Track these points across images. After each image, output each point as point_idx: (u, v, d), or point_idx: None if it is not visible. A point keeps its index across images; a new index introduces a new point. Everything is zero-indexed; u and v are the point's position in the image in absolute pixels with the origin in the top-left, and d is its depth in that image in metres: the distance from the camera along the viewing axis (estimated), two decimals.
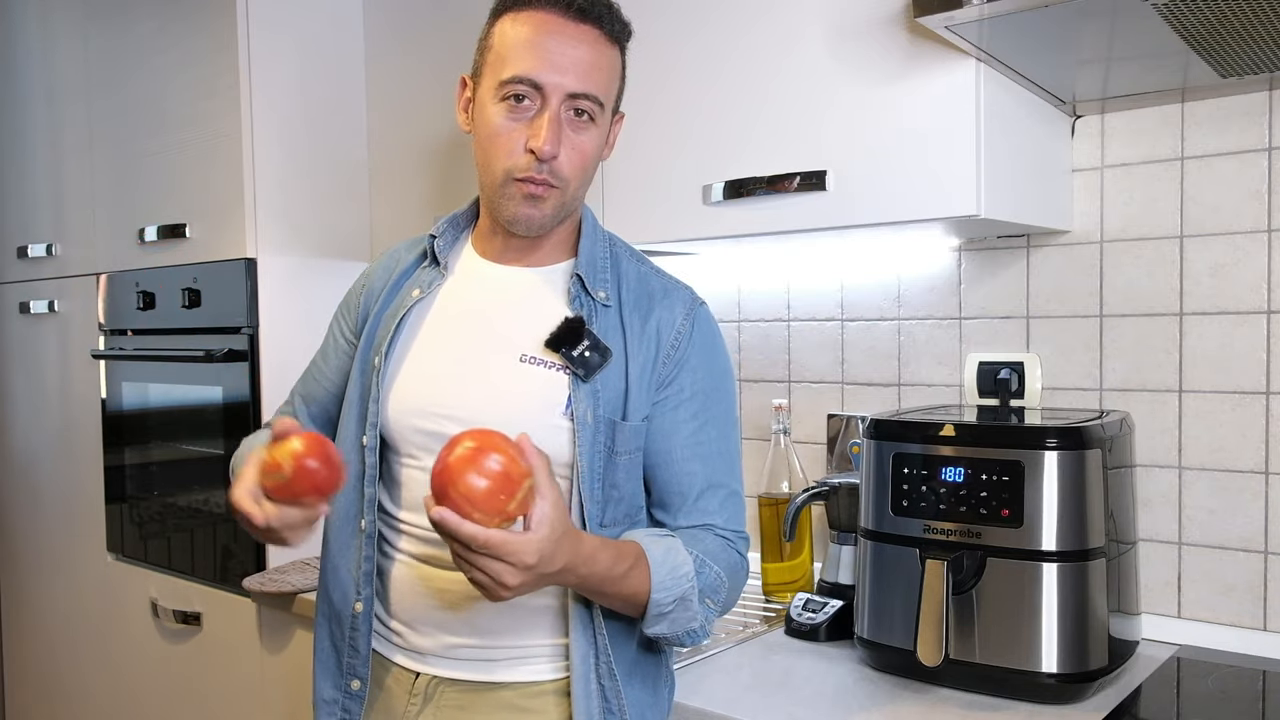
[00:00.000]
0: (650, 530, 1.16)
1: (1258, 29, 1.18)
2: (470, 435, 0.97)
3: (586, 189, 1.19)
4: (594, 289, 1.18)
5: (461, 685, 1.17)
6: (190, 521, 2.24)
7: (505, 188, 1.14)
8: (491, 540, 0.93)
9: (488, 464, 0.93)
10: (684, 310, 1.20)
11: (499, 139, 1.12)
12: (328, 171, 2.18)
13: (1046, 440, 1.31)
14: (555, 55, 1.10)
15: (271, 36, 2.07)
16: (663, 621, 1.11)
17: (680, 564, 1.10)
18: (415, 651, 1.19)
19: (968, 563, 1.32)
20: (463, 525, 0.92)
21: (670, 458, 1.17)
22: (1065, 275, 1.62)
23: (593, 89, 1.12)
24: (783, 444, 1.83)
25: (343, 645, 1.21)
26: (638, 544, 1.09)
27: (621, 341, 1.16)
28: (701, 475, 1.18)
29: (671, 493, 1.18)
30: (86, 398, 2.53)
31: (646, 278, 1.22)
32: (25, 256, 2.71)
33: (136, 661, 2.41)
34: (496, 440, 0.96)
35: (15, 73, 2.73)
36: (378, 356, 1.20)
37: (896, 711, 1.30)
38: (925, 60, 1.36)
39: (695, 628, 1.13)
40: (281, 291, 2.10)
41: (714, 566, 1.13)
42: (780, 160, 1.50)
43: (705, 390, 1.19)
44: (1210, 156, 1.50)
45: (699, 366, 1.19)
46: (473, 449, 0.94)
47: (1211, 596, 1.51)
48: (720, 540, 1.18)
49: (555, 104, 1.11)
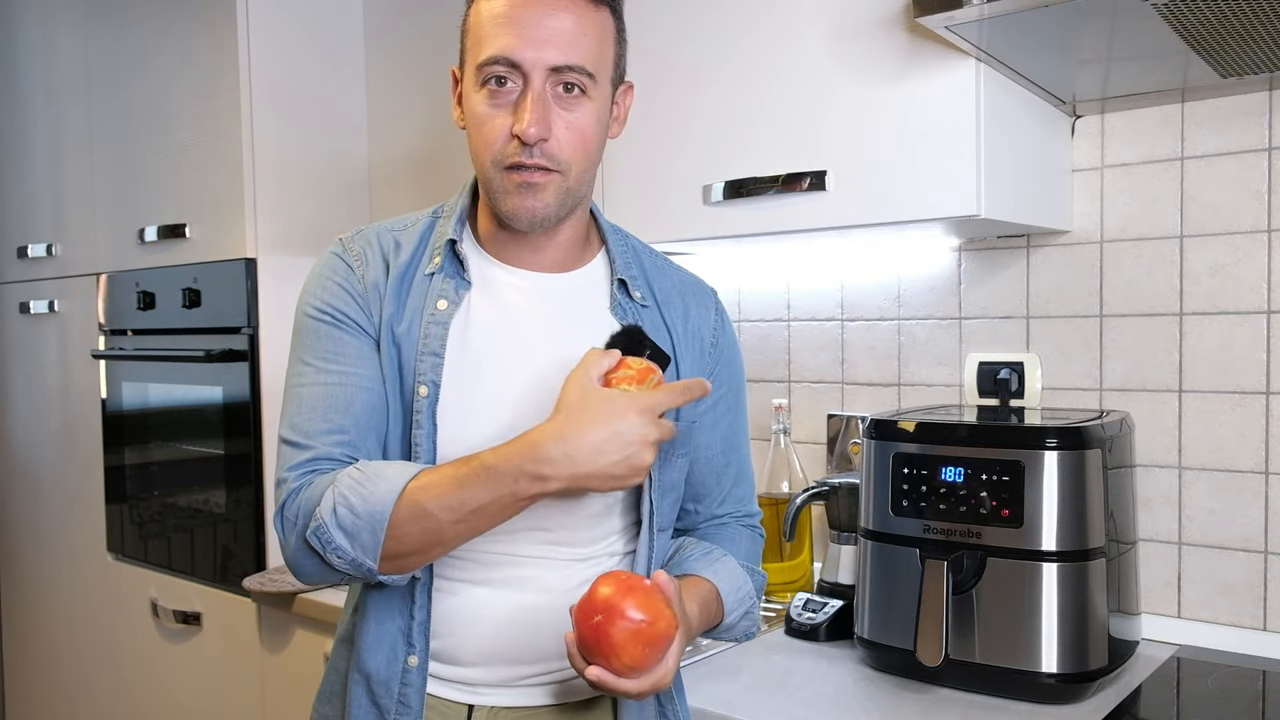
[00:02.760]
0: (702, 552, 1.17)
1: (1258, 29, 1.18)
2: (630, 596, 0.95)
3: (593, 172, 1.09)
4: (631, 289, 1.13)
5: (521, 712, 1.10)
6: (190, 521, 2.24)
7: (497, 180, 1.04)
8: (643, 688, 0.96)
9: (652, 631, 0.95)
10: (713, 306, 1.21)
11: (483, 128, 1.03)
12: (328, 171, 2.18)
13: (1046, 440, 1.31)
14: (531, 28, 1.00)
15: (271, 37, 2.07)
16: (727, 632, 1.18)
17: (741, 584, 1.16)
18: (464, 684, 1.09)
19: (968, 563, 1.32)
20: (621, 684, 0.94)
21: (711, 452, 1.19)
22: (1065, 275, 1.62)
23: (578, 59, 1.01)
24: (783, 444, 1.83)
25: (389, 704, 1.07)
26: (710, 583, 1.13)
27: (669, 342, 1.13)
28: (735, 466, 1.22)
29: (709, 484, 1.21)
30: (86, 398, 2.53)
31: (667, 272, 1.20)
32: (25, 256, 2.71)
33: (136, 661, 2.41)
34: (652, 601, 0.95)
35: (15, 73, 2.73)
36: (422, 385, 1.05)
37: (896, 711, 1.30)
38: (925, 60, 1.36)
39: (750, 626, 1.21)
40: (281, 291, 2.10)
41: (759, 570, 1.22)
42: (780, 160, 1.50)
43: (736, 384, 1.22)
44: (1210, 156, 1.50)
45: (731, 361, 1.21)
46: (638, 619, 0.94)
47: (1211, 596, 1.51)
48: (747, 531, 1.24)
49: (538, 82, 1.01)
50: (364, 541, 0.96)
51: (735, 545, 1.20)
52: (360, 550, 0.97)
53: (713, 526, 1.23)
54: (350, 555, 0.97)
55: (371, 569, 0.98)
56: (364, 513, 0.96)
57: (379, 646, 1.08)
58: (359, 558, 0.97)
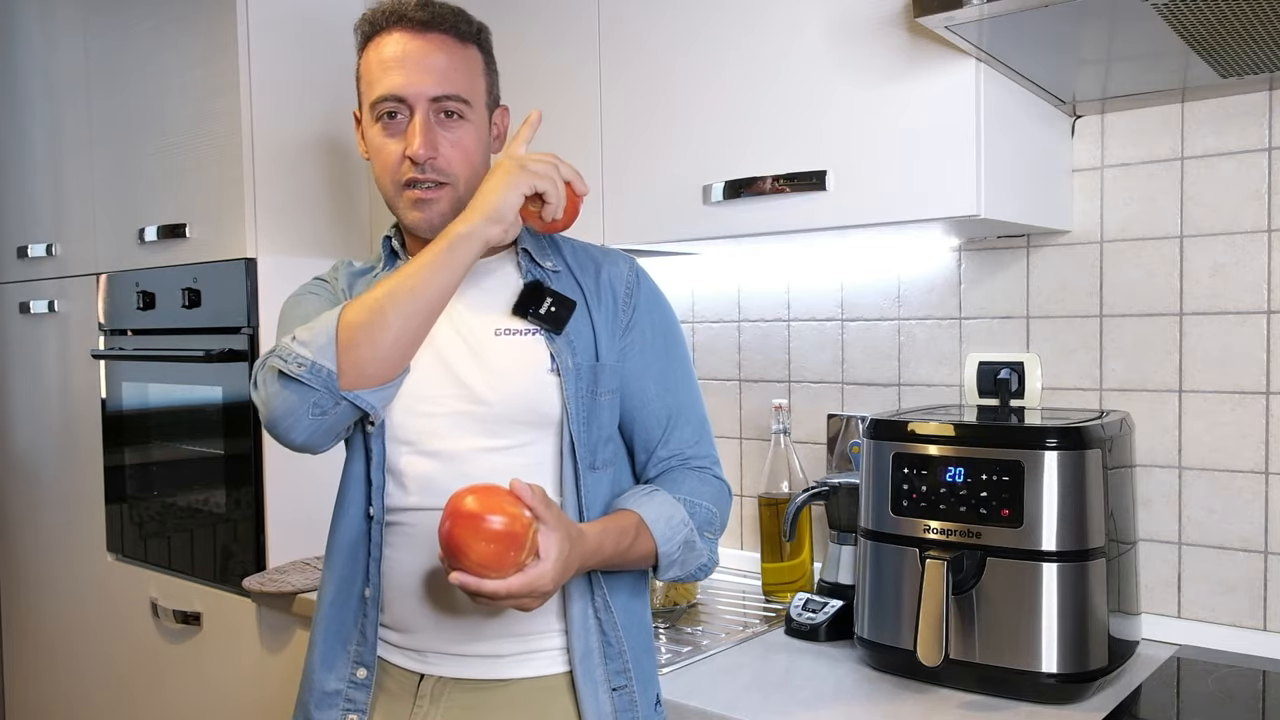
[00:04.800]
0: (634, 491, 1.22)
1: (1258, 29, 1.18)
2: (470, 494, 1.01)
3: (478, 182, 1.20)
4: (540, 260, 1.25)
5: (469, 685, 1.18)
6: (190, 521, 2.24)
7: (397, 198, 1.21)
8: (513, 588, 1.01)
9: (492, 527, 0.99)
10: (628, 265, 1.29)
11: (381, 155, 1.21)
12: (328, 171, 2.18)
13: (1046, 440, 1.31)
14: (411, 68, 1.18)
15: (271, 37, 2.07)
16: (674, 567, 1.21)
17: (674, 514, 1.20)
18: (416, 652, 1.20)
19: (968, 563, 1.32)
20: (483, 585, 1.00)
21: (645, 396, 1.26)
22: (1065, 275, 1.62)
23: (453, 89, 1.19)
24: (783, 444, 1.83)
25: (351, 633, 1.22)
26: (633, 512, 1.18)
27: (580, 295, 1.24)
28: (674, 407, 1.27)
29: (650, 428, 1.26)
30: (86, 398, 2.53)
31: (584, 248, 1.31)
32: (25, 256, 2.71)
33: (136, 661, 2.41)
34: (495, 499, 1.01)
35: (15, 73, 2.73)
36: None
37: (896, 711, 1.30)
38: (925, 60, 1.36)
39: (704, 562, 1.24)
40: (281, 291, 2.06)
41: (702, 503, 1.24)
42: (780, 160, 1.51)
43: (664, 330, 1.29)
44: (1210, 156, 1.50)
45: (654, 310, 1.29)
46: (474, 514, 0.99)
47: (1211, 596, 1.51)
48: (697, 473, 1.27)
49: (422, 111, 1.18)
50: (320, 344, 1.10)
51: (677, 485, 1.24)
52: (318, 353, 1.10)
53: (661, 471, 1.27)
54: (310, 360, 1.10)
55: (332, 373, 1.10)
56: (317, 325, 1.12)
57: (343, 569, 1.22)
58: (318, 361, 1.10)
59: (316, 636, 1.25)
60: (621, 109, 1.69)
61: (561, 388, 1.19)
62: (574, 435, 1.19)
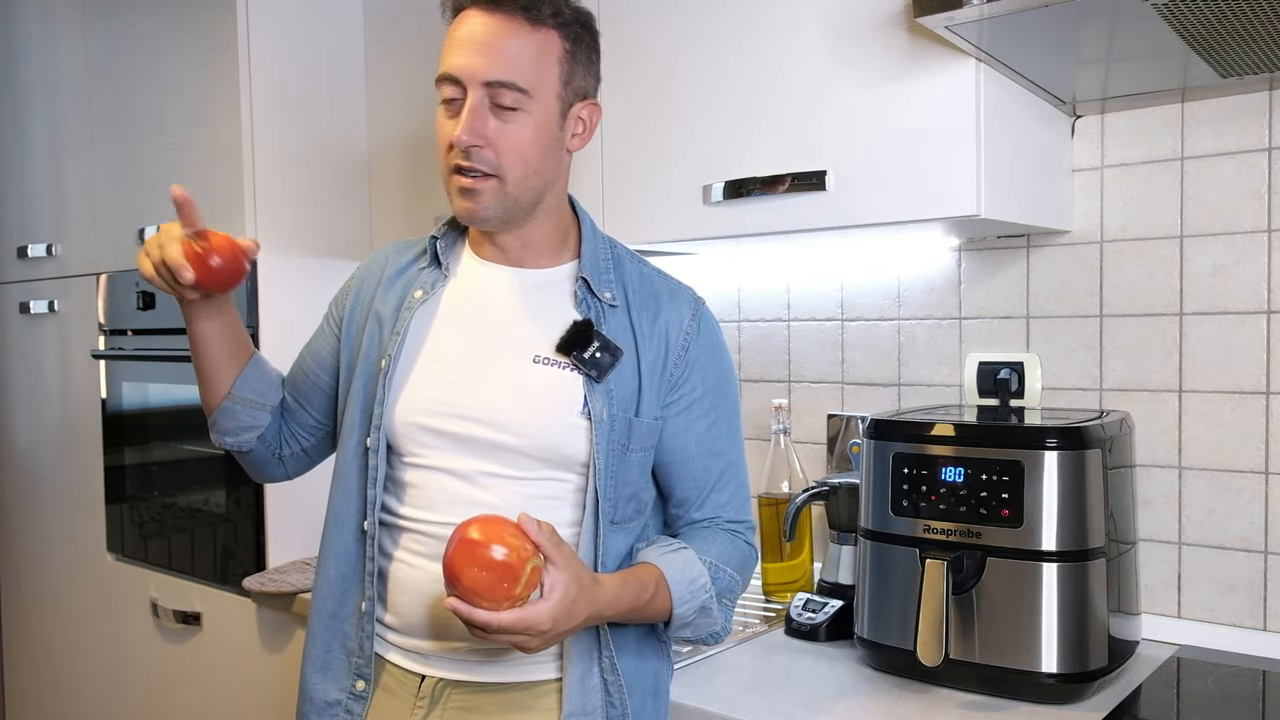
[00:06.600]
0: (662, 545, 1.19)
1: (1258, 29, 1.18)
2: (476, 523, 1.01)
3: (537, 180, 1.17)
4: (599, 290, 1.20)
5: (469, 687, 1.17)
6: (190, 521, 2.24)
7: (447, 183, 1.17)
8: (504, 623, 0.98)
9: (491, 555, 0.98)
10: (690, 310, 1.23)
11: (438, 135, 1.17)
12: (328, 171, 2.18)
13: (1046, 440, 1.31)
14: (470, 48, 1.12)
15: (271, 37, 2.07)
16: (686, 629, 1.18)
17: (697, 576, 1.15)
18: (417, 654, 1.19)
19: (968, 563, 1.32)
20: (474, 614, 0.98)
21: (685, 455, 1.21)
22: (1065, 275, 1.62)
23: (508, 75, 1.11)
24: (783, 444, 1.83)
25: (350, 645, 1.20)
26: (656, 568, 1.14)
27: (632, 341, 1.18)
28: (715, 471, 1.23)
29: (687, 489, 1.22)
30: (86, 398, 2.52)
31: (650, 279, 1.25)
32: (25, 256, 2.71)
33: (136, 661, 2.41)
34: (498, 529, 1.00)
35: (15, 72, 2.73)
36: (384, 359, 1.20)
37: (896, 711, 1.30)
38: (925, 60, 1.36)
39: (717, 630, 1.21)
40: (281, 291, 2.10)
41: (726, 569, 1.20)
42: (780, 160, 1.50)
43: (715, 388, 1.23)
44: (1210, 156, 1.50)
45: (708, 365, 1.23)
46: (474, 541, 0.99)
47: (1211, 596, 1.51)
48: (728, 535, 1.23)
49: (474, 94, 1.12)
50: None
51: (707, 545, 1.20)
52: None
53: (692, 530, 1.23)
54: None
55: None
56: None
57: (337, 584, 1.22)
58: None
59: (313, 647, 1.23)
60: (621, 109, 1.69)
61: (591, 436, 1.14)
62: (599, 489, 1.15)
